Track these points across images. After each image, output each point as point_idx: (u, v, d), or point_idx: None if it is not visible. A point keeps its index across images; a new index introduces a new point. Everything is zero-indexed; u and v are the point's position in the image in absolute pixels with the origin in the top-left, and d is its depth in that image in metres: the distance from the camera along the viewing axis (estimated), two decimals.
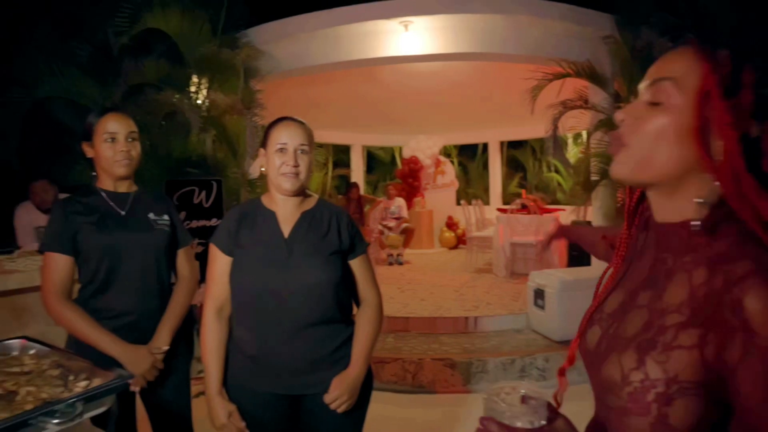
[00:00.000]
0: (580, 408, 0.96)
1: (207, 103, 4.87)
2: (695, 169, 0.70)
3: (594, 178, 5.32)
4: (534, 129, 10.85)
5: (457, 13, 4.65)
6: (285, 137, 1.59)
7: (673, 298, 0.70)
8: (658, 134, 0.71)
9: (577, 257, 6.23)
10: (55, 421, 1.09)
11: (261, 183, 5.16)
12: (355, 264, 1.70)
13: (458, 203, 11.01)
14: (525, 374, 4.19)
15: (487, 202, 11.35)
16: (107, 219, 1.84)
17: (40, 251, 1.83)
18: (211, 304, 1.64)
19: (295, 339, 1.57)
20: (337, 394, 1.58)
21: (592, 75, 5.19)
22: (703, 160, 0.69)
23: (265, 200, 1.70)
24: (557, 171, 12.31)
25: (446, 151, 12.57)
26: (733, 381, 0.64)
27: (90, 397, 1.18)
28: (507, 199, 12.11)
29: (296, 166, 1.58)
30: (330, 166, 12.33)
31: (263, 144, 1.64)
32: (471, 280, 6.83)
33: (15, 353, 1.52)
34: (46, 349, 1.51)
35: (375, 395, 1.76)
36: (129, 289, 1.83)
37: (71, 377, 1.34)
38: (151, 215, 1.91)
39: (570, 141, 11.61)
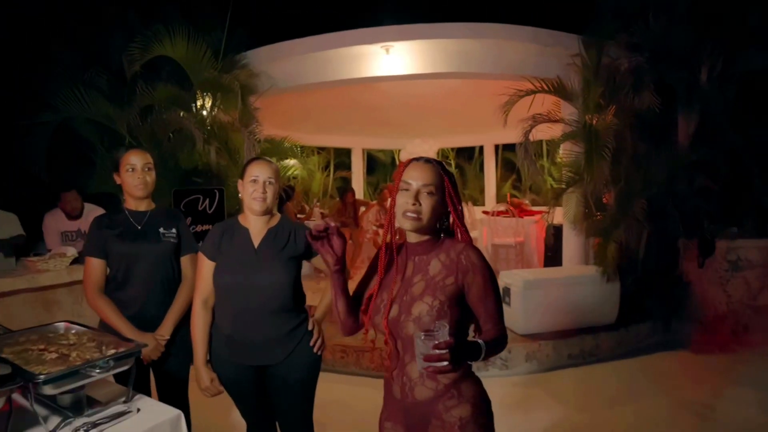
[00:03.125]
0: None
1: (210, 120, 5.44)
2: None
3: (561, 185, 5.83)
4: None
5: (434, 38, 5.17)
6: (257, 172, 2.11)
7: (434, 270, 1.56)
8: (433, 211, 1.54)
9: (552, 257, 6.75)
10: (97, 370, 1.66)
11: None
12: (318, 260, 2.25)
13: None
14: (489, 363, 4.63)
15: (482, 204, 11.79)
16: (127, 232, 2.42)
17: (81, 255, 2.41)
18: (199, 296, 2.18)
19: (261, 322, 2.09)
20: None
21: (561, 91, 5.68)
22: (453, 215, 1.61)
23: (240, 219, 2.22)
24: (551, 174, 12.74)
25: (444, 154, 13.04)
26: (471, 293, 1.53)
27: (118, 358, 1.75)
28: (501, 200, 12.56)
29: (264, 193, 2.10)
30: (332, 168, 12.87)
31: (241, 176, 2.18)
32: None
33: (61, 332, 2.10)
34: (83, 328, 2.08)
35: (357, 379, 2.35)
36: (140, 287, 2.39)
37: (104, 347, 1.91)
38: (161, 229, 2.48)
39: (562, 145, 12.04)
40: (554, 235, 6.64)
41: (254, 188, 2.11)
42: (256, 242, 2.16)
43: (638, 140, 5.53)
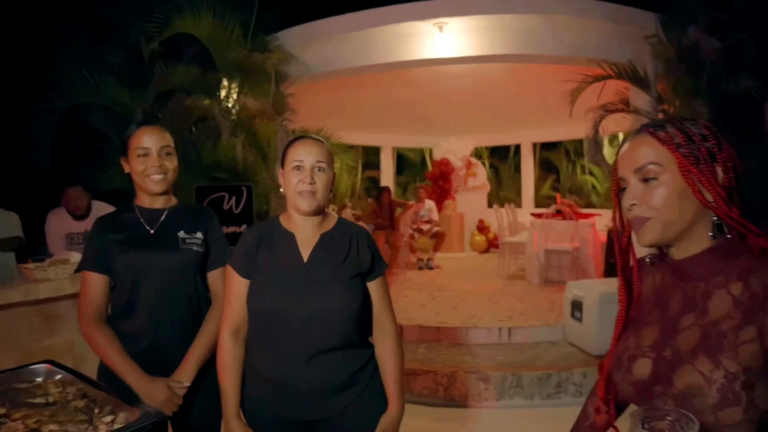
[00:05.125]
0: None
1: (237, 108, 4.82)
2: (697, 215, 0.93)
3: None
4: (567, 130, 10.60)
5: (493, 13, 4.48)
6: (301, 154, 1.53)
7: (719, 311, 0.89)
8: (668, 200, 0.92)
9: (615, 266, 6.01)
10: None
11: None
12: (373, 287, 1.64)
13: (489, 206, 10.82)
14: (561, 390, 4.03)
15: (519, 205, 11.14)
16: (134, 238, 1.77)
17: (78, 269, 1.79)
18: (228, 325, 1.61)
19: (313, 364, 1.53)
20: None
21: (635, 77, 4.98)
22: (707, 206, 0.91)
23: (283, 220, 1.63)
24: (591, 173, 12.00)
25: (477, 153, 12.39)
26: None
27: None
28: (539, 202, 11.86)
29: (312, 183, 1.51)
30: (359, 167, 12.26)
31: (282, 163, 1.59)
32: (503, 287, 6.65)
33: (39, 380, 1.46)
34: (70, 376, 1.44)
35: (406, 408, 1.74)
36: (151, 313, 1.75)
37: (96, 410, 1.28)
38: (181, 233, 1.81)
39: (606, 143, 11.31)
40: None
41: (299, 177, 1.51)
42: (305, 253, 1.58)
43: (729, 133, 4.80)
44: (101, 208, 3.86)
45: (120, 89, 4.32)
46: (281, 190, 1.58)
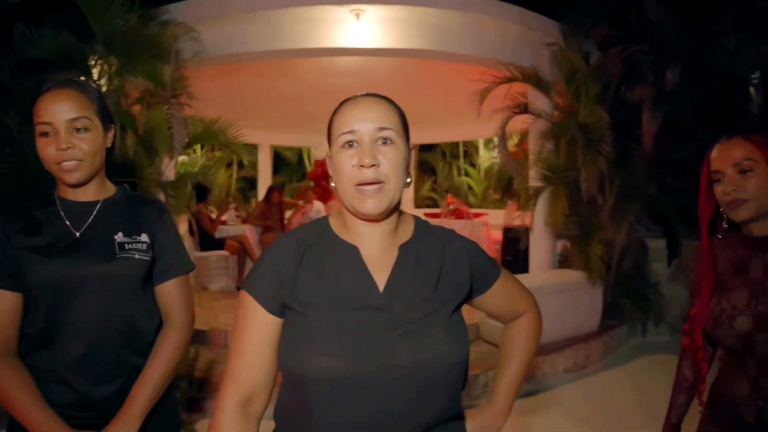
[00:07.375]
0: None
1: (114, 87, 4.05)
2: None
3: (537, 184, 5.24)
4: (445, 132, 10.87)
5: (413, 5, 4.27)
6: (354, 120, 0.97)
7: None
8: (762, 188, 1.22)
9: (511, 263, 6.16)
10: None
11: (181, 185, 4.44)
12: (494, 291, 1.16)
13: None
14: (488, 390, 3.97)
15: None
16: (54, 242, 1.30)
17: None
18: (234, 390, 1.00)
19: None
20: None
21: (537, 81, 5.11)
22: None
23: (336, 225, 1.06)
24: (467, 174, 12.45)
25: None
26: None
27: None
28: (419, 202, 12.04)
29: (375, 165, 0.95)
30: (235, 166, 11.48)
31: (328, 137, 1.04)
32: None
33: None
34: None
35: None
36: (79, 345, 1.28)
37: None
38: (120, 235, 1.36)
39: (481, 146, 11.81)
40: (515, 238, 6.06)
41: (354, 159, 0.96)
42: (380, 279, 1.01)
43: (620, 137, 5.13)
44: None
45: None
46: (332, 184, 1.03)
